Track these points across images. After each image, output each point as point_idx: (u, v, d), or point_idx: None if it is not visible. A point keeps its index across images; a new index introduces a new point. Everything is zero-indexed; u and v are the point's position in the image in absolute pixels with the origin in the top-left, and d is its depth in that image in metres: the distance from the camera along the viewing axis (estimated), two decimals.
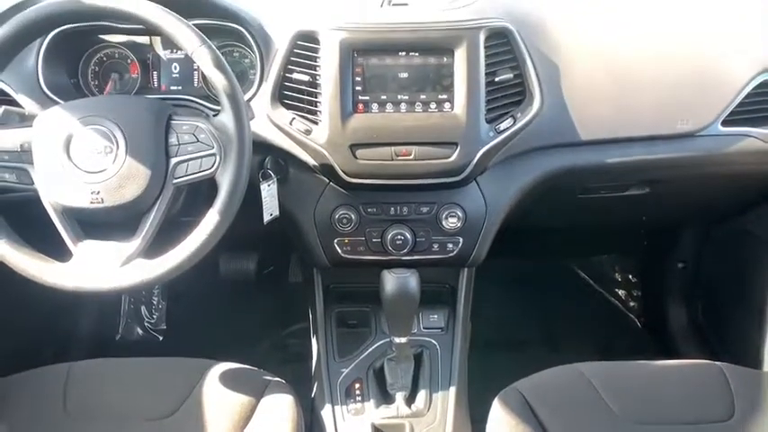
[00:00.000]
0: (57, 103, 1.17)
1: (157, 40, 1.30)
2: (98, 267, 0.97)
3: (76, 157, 0.97)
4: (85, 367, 1.16)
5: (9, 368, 1.18)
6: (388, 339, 1.27)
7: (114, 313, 1.92)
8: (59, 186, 0.97)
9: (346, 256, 1.24)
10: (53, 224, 1.00)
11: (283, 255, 1.99)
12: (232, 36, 1.24)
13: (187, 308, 1.94)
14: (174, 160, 0.98)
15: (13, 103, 1.18)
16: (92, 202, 0.96)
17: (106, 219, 0.99)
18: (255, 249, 1.91)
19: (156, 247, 1.00)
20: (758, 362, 1.45)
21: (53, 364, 1.17)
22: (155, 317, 1.91)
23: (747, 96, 1.22)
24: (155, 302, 1.92)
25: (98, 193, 0.96)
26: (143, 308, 1.91)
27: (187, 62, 1.29)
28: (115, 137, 0.97)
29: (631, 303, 1.98)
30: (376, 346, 1.30)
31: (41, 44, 1.19)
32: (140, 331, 1.90)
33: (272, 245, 1.88)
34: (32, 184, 0.99)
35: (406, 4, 1.19)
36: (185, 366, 1.15)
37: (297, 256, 1.93)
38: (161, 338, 1.91)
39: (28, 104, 1.17)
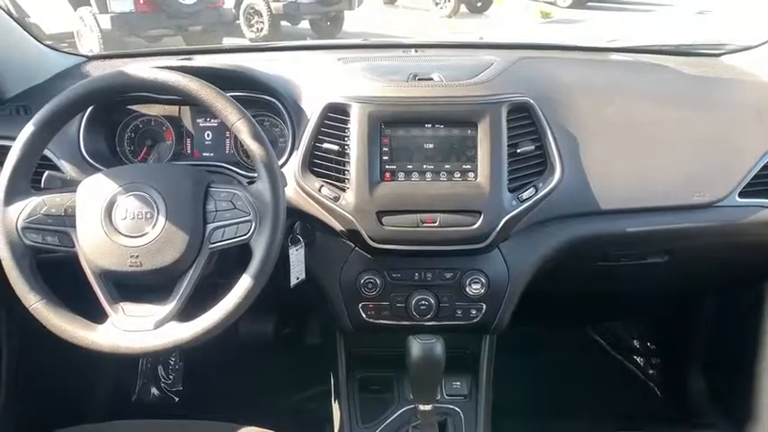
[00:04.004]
0: (96, 168, 1.23)
1: (192, 110, 1.36)
2: (133, 329, 0.99)
3: (118, 221, 1.01)
4: (111, 429, 1.15)
5: (27, 429, 1.17)
6: (411, 406, 1.27)
7: (131, 373, 1.91)
8: (100, 250, 1.00)
9: (370, 320, 1.25)
10: (89, 284, 1.02)
11: (301, 317, 1.99)
12: (264, 107, 1.30)
13: (203, 369, 1.93)
14: (210, 226, 1.01)
15: (55, 168, 1.23)
16: (130, 266, 0.99)
17: (142, 281, 1.02)
18: (274, 311, 1.92)
19: (185, 308, 1.02)
20: None
21: (70, 424, 1.16)
22: (171, 377, 1.91)
23: (763, 168, 1.26)
24: (172, 363, 1.92)
25: (137, 257, 0.99)
26: (160, 368, 1.90)
27: (219, 130, 1.35)
28: (156, 203, 1.01)
29: (650, 371, 1.96)
30: (399, 412, 1.30)
31: (83, 113, 1.25)
32: (156, 392, 1.89)
33: (291, 307, 1.89)
34: (73, 246, 1.02)
35: (430, 79, 1.25)
36: (211, 430, 1.15)
37: (315, 319, 1.94)
38: (177, 399, 1.90)
39: (69, 170, 1.23)
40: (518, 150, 1.18)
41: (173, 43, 7.94)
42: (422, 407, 1.19)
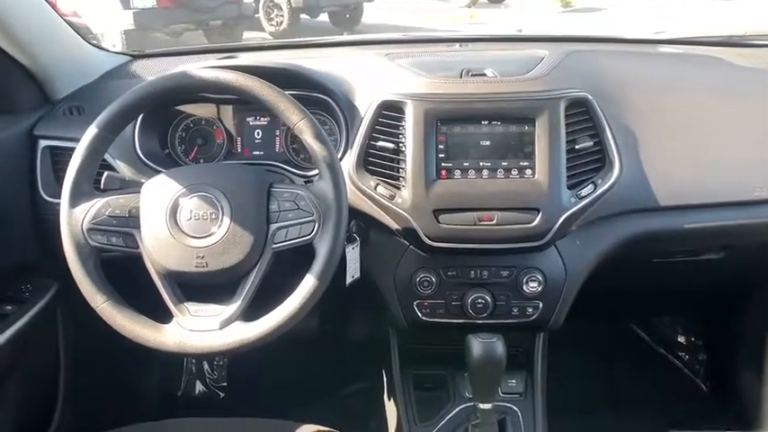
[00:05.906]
0: (151, 168, 1.23)
1: (237, 108, 1.35)
2: (199, 329, 0.99)
3: (183, 222, 1.01)
4: (172, 427, 1.16)
5: (83, 428, 1.18)
6: (468, 404, 1.26)
7: (176, 369, 1.93)
8: (165, 251, 1.00)
9: (425, 318, 1.25)
10: (151, 284, 1.03)
11: (344, 313, 1.99)
12: (315, 104, 1.29)
13: (247, 364, 1.94)
14: (274, 226, 1.01)
15: (111, 169, 1.24)
16: (196, 267, 0.99)
17: (207, 282, 1.02)
18: (318, 306, 1.92)
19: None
20: None
21: (120, 421, 1.16)
22: (216, 373, 1.92)
23: None
24: (217, 358, 1.93)
25: (203, 257, 0.99)
26: (205, 364, 1.92)
27: (269, 128, 1.35)
28: (220, 204, 1.01)
29: (697, 367, 1.93)
30: (456, 410, 1.29)
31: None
32: (202, 387, 1.91)
33: (334, 303, 1.89)
34: (137, 247, 1.02)
35: (483, 74, 1.23)
36: (271, 427, 1.15)
37: (359, 315, 1.94)
38: (222, 395, 1.91)
39: (125, 171, 1.24)
40: (576, 147, 1.16)
41: (194, 38, 7.98)
42: (482, 405, 1.18)
